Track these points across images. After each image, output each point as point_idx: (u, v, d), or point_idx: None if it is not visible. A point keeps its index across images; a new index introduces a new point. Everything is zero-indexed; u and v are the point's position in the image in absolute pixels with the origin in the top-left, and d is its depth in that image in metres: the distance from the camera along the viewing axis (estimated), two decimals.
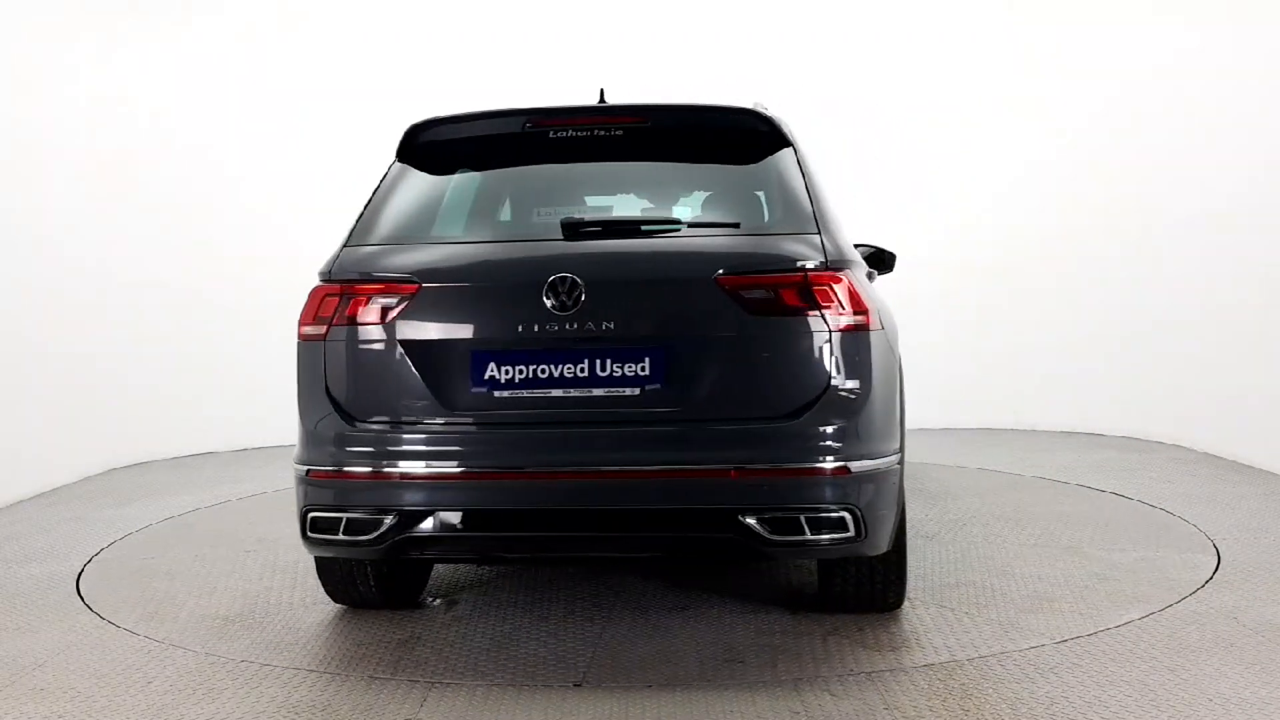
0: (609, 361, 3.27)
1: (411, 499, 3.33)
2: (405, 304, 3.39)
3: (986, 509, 5.71)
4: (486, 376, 3.32)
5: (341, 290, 3.46)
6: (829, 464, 3.22)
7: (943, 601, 4.02)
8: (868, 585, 3.73)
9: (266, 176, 8.42)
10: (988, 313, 8.86)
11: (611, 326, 3.27)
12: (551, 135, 3.71)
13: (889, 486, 3.38)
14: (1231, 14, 7.36)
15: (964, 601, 4.01)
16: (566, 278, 3.27)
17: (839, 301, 3.27)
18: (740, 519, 3.17)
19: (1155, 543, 4.88)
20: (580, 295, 3.26)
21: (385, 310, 3.40)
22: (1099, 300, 8.54)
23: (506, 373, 3.31)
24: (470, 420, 3.35)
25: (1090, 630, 3.67)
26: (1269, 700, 3.04)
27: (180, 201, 8.10)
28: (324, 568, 3.94)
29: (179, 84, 8.30)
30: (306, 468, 3.45)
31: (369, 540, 3.34)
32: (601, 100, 4.05)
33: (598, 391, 3.28)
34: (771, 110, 3.83)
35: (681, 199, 3.92)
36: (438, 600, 4.23)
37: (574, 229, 3.47)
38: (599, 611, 3.98)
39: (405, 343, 3.38)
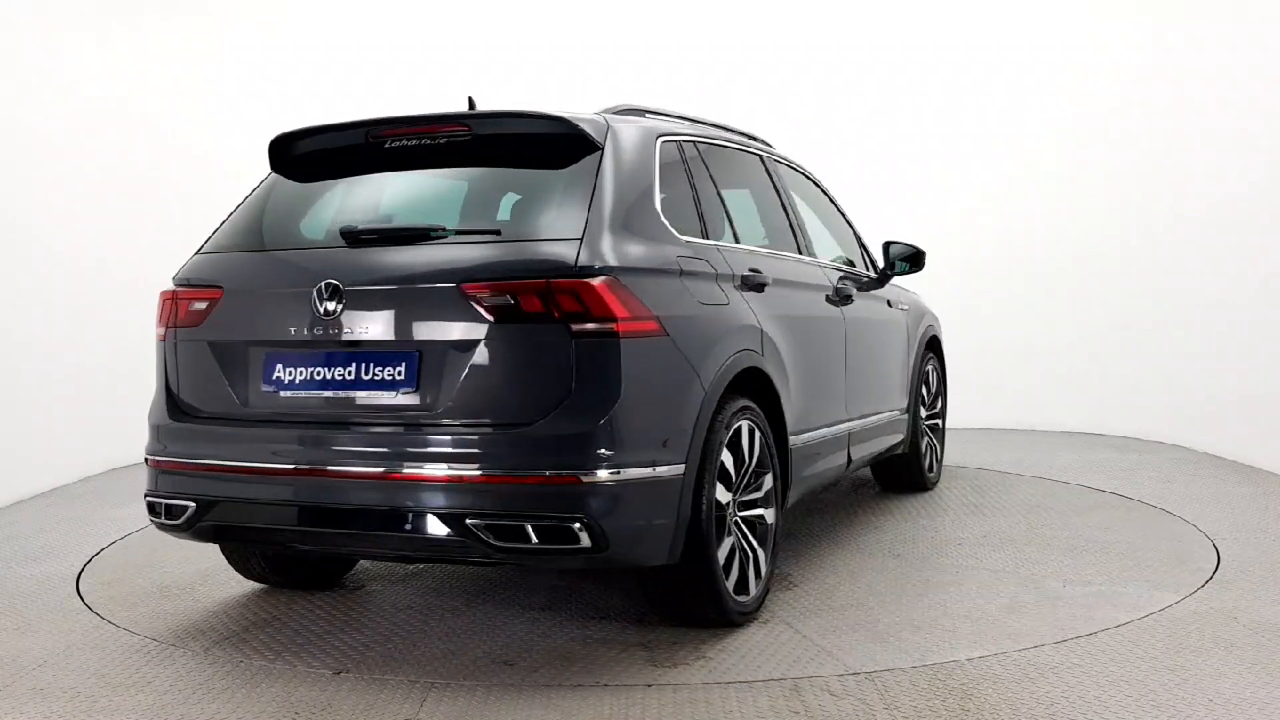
0: (370, 365, 3.42)
1: (205, 489, 3.62)
2: (212, 308, 3.68)
3: (981, 521, 5.69)
4: (274, 377, 3.55)
5: (174, 295, 3.81)
6: (556, 472, 3.20)
7: (798, 625, 3.80)
8: (677, 598, 3.68)
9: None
10: (988, 313, 8.85)
11: (370, 332, 3.41)
12: (387, 145, 3.81)
13: (646, 498, 3.31)
14: (1235, 13, 7.36)
15: (821, 628, 3.75)
16: (331, 284, 3.43)
17: (585, 308, 3.23)
18: (466, 523, 3.21)
19: (1142, 560, 4.86)
20: (343, 301, 3.41)
21: (199, 314, 3.71)
22: (1099, 300, 8.54)
23: (289, 374, 3.52)
24: (258, 418, 3.58)
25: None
26: (1269, 700, 3.04)
27: (180, 202, 8.09)
28: (223, 549, 4.23)
29: (177, 83, 8.30)
30: (145, 456, 3.81)
31: (179, 525, 3.66)
32: (472, 107, 4.06)
33: (360, 394, 3.43)
34: (583, 113, 3.71)
35: (480, 205, 3.86)
36: (349, 584, 4.37)
37: (354, 237, 3.56)
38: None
39: (213, 344, 3.67)
